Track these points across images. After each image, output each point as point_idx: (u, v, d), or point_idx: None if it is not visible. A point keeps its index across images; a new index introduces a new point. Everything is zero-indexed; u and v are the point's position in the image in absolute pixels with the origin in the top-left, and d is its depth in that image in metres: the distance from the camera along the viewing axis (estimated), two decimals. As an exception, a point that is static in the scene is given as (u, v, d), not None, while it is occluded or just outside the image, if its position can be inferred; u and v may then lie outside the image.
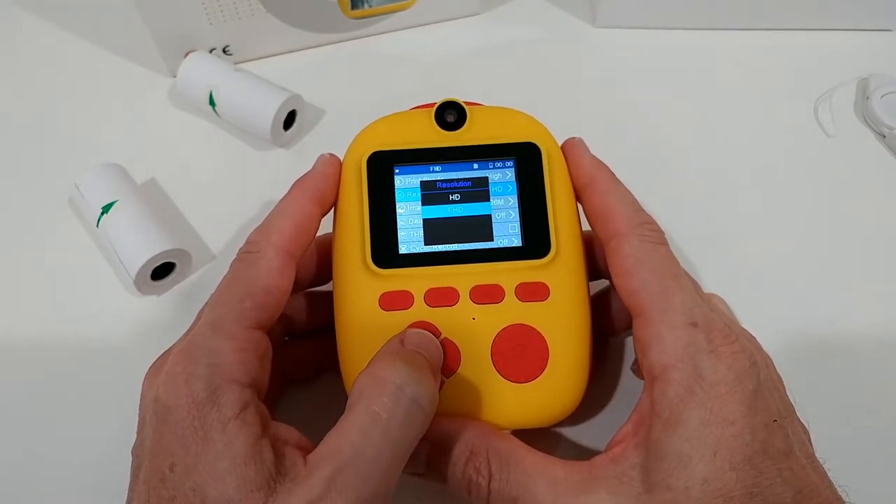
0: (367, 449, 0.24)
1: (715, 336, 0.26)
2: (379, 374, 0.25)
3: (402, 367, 0.25)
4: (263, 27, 0.48)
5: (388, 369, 0.25)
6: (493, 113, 0.33)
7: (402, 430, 0.24)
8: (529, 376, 0.29)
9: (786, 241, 0.41)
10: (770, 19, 0.51)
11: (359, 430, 0.24)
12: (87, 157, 0.44)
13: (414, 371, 0.25)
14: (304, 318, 0.34)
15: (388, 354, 0.27)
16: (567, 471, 0.26)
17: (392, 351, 0.27)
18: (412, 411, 0.25)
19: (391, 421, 0.24)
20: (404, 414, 0.24)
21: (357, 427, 0.24)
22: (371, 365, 0.26)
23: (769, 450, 0.24)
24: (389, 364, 0.26)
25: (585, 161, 0.31)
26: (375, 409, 0.24)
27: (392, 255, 0.30)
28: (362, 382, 0.25)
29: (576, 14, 0.53)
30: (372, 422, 0.24)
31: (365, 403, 0.24)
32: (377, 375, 0.25)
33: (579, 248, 0.31)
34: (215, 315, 0.27)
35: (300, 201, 0.30)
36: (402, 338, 0.27)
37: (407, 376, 0.25)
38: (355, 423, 0.24)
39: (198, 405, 0.24)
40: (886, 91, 0.46)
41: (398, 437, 0.24)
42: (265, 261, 0.28)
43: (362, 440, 0.24)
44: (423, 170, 0.31)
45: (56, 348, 0.38)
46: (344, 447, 0.24)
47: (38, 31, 0.52)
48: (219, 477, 0.23)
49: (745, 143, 0.46)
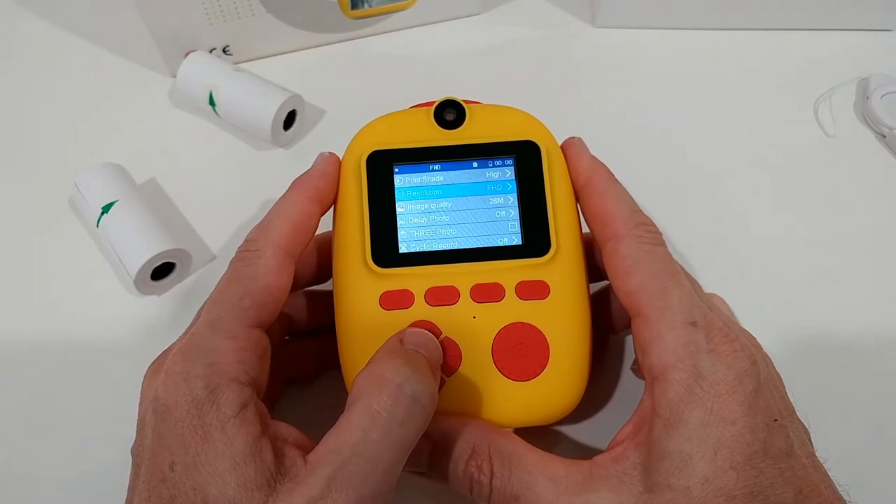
0: (367, 447, 0.23)
1: (715, 335, 0.26)
2: (379, 373, 0.25)
3: (402, 366, 0.25)
4: (263, 27, 0.48)
5: (387, 368, 0.25)
6: (492, 111, 0.32)
7: (402, 428, 0.24)
8: (530, 374, 0.29)
9: (786, 241, 0.41)
10: (770, 19, 0.51)
11: (359, 428, 0.24)
12: (87, 157, 0.44)
13: (414, 370, 0.25)
14: (303, 317, 0.34)
15: (387, 353, 0.26)
16: (568, 469, 0.26)
17: (392, 350, 0.27)
18: (412, 410, 0.24)
19: (391, 419, 0.24)
20: (404, 412, 0.24)
21: (357, 426, 0.24)
22: (371, 364, 0.26)
23: (770, 449, 0.24)
24: (389, 362, 0.26)
25: (584, 161, 0.31)
26: (375, 407, 0.24)
27: (392, 254, 0.30)
28: (362, 381, 0.25)
29: (576, 14, 0.53)
30: (372, 420, 0.24)
31: (365, 402, 0.24)
32: (377, 374, 0.25)
33: (579, 247, 0.31)
34: (214, 314, 0.27)
35: (299, 200, 0.30)
36: (401, 337, 0.27)
37: (407, 375, 0.25)
38: (355, 422, 0.24)
39: (197, 404, 0.24)
40: (886, 91, 0.46)
41: (398, 435, 0.24)
42: (264, 259, 0.28)
43: (362, 439, 0.24)
44: (423, 168, 0.31)
45: (56, 348, 0.38)
46: (344, 446, 0.24)
47: (38, 31, 0.52)
48: (219, 476, 0.23)
49: (744, 142, 0.46)
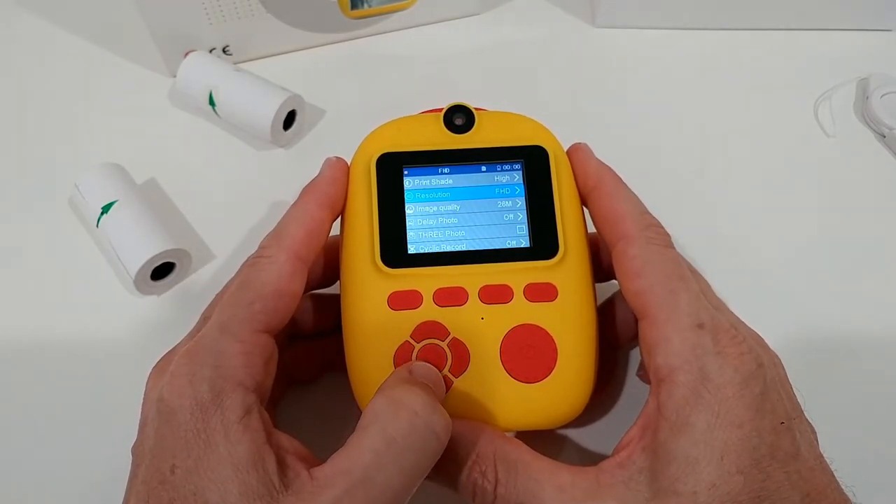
0: (379, 473, 0.23)
1: (721, 337, 0.26)
2: (395, 398, 0.25)
3: (420, 394, 0.25)
4: (263, 27, 0.48)
5: (405, 393, 0.25)
6: (500, 117, 0.33)
7: (415, 457, 0.24)
8: (538, 376, 0.29)
9: (786, 242, 0.41)
10: (770, 19, 0.51)
11: (372, 452, 0.23)
12: (87, 157, 0.44)
13: (430, 398, 0.25)
14: (308, 320, 0.34)
15: (401, 381, 0.26)
16: (575, 477, 0.26)
17: (405, 378, 0.26)
18: (427, 440, 0.24)
19: (406, 447, 0.24)
20: (420, 442, 0.24)
21: (371, 449, 0.23)
22: (386, 388, 0.26)
23: (777, 453, 0.24)
24: (407, 389, 0.25)
25: (591, 165, 0.31)
26: (391, 433, 0.24)
27: (401, 254, 0.30)
28: (378, 404, 0.25)
29: (576, 14, 0.53)
30: (387, 446, 0.23)
31: (381, 426, 0.24)
32: (394, 399, 0.25)
33: (586, 251, 0.31)
34: (224, 317, 0.27)
35: (310, 207, 0.30)
36: (410, 368, 0.27)
37: (424, 403, 0.25)
38: (368, 445, 0.24)
39: (201, 407, 0.24)
40: (886, 91, 0.46)
41: (411, 464, 0.24)
42: (277, 265, 0.28)
43: (375, 463, 0.23)
44: (433, 171, 0.31)
45: (56, 348, 0.38)
46: (355, 468, 0.23)
47: (38, 31, 0.52)
48: (220, 482, 0.23)
49: (744, 142, 0.46)
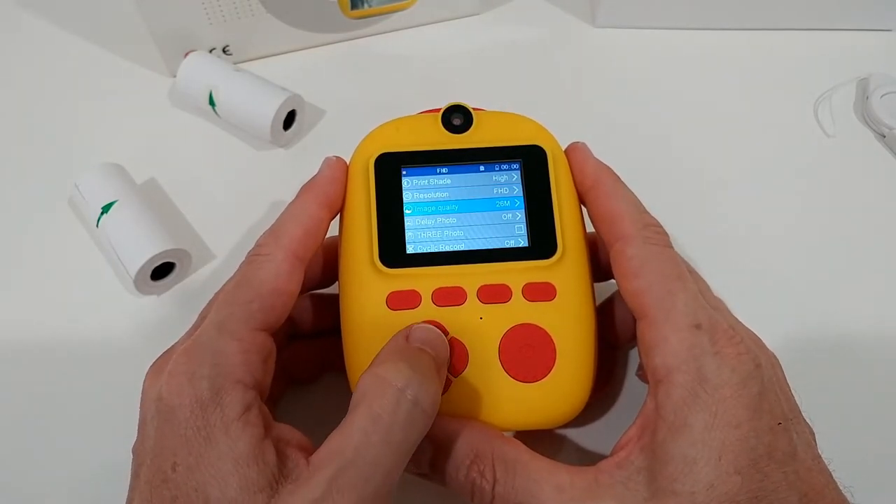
0: (368, 450, 0.24)
1: (719, 338, 0.26)
2: (381, 375, 0.25)
3: (405, 369, 0.25)
4: (263, 27, 0.48)
5: (390, 370, 0.25)
6: (498, 117, 0.33)
7: (403, 432, 0.24)
8: (537, 376, 0.29)
9: (786, 241, 0.41)
10: (770, 19, 0.51)
11: (361, 431, 0.24)
12: (87, 157, 0.44)
13: (417, 372, 0.25)
14: (307, 320, 0.34)
15: (391, 353, 0.26)
16: (573, 477, 0.26)
17: (396, 349, 0.27)
18: (413, 414, 0.25)
19: (393, 423, 0.24)
20: (406, 416, 0.24)
21: (359, 428, 0.24)
22: (374, 365, 0.26)
23: (774, 453, 0.24)
24: (392, 365, 0.25)
25: (590, 164, 0.31)
26: (377, 410, 0.24)
27: (399, 254, 0.30)
28: (365, 383, 0.25)
29: (576, 14, 0.53)
30: (373, 423, 0.24)
31: (367, 405, 0.24)
32: (379, 376, 0.25)
33: (584, 250, 0.31)
34: (222, 315, 0.27)
35: (309, 206, 0.30)
36: (407, 333, 0.27)
37: (409, 378, 0.25)
38: (357, 424, 0.24)
39: (201, 405, 0.24)
40: (886, 91, 0.46)
41: (399, 439, 0.24)
42: (275, 264, 0.28)
43: (364, 441, 0.24)
44: (431, 171, 0.31)
45: (55, 348, 0.38)
46: (346, 448, 0.24)
47: (38, 30, 0.52)
48: (221, 478, 0.23)
49: (744, 142, 0.46)
